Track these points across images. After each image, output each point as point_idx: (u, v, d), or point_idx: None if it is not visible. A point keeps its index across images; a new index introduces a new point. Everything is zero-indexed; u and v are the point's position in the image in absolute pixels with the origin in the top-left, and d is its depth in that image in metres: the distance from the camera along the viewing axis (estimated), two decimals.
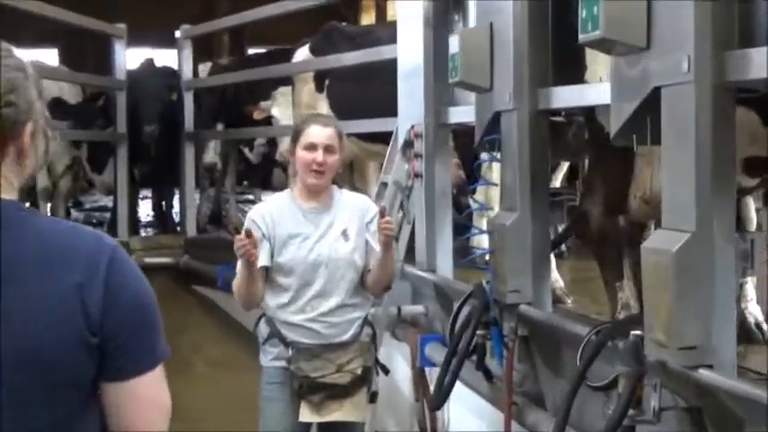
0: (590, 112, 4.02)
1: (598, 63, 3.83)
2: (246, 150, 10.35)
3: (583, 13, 3.03)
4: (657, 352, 2.81)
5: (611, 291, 4.18)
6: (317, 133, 4.08)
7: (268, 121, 8.80)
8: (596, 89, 3.66)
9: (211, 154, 9.86)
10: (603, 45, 3.07)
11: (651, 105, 2.91)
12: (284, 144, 7.96)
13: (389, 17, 16.89)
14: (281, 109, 8.51)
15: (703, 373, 2.72)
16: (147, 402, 1.83)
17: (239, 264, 3.97)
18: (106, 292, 1.73)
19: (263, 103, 8.76)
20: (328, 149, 4.06)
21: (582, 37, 3.06)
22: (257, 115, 8.78)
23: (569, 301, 5.52)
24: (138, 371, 1.80)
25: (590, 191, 4.19)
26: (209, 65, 11.04)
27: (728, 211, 2.78)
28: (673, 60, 2.77)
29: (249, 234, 3.83)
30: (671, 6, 2.80)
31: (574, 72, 3.99)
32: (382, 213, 3.93)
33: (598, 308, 5.33)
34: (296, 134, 4.14)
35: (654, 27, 2.88)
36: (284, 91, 8.62)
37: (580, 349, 3.29)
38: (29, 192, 10.92)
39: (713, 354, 2.75)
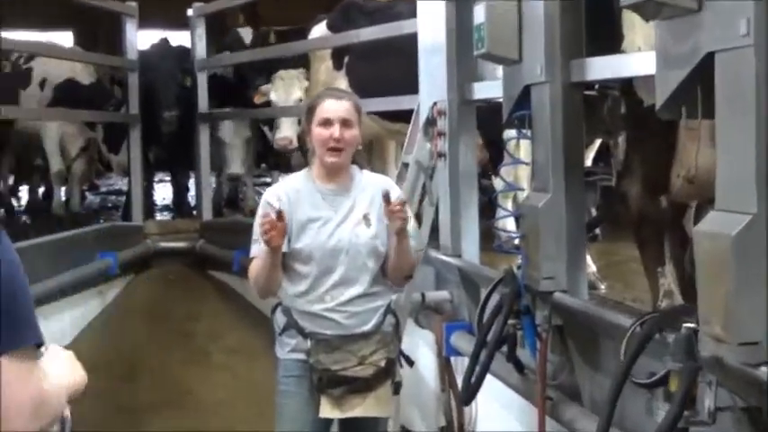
0: (628, 84, 3.76)
1: (636, 31, 3.59)
2: (267, 129, 10.06)
3: None
4: (714, 347, 2.54)
5: (652, 277, 3.93)
6: (333, 107, 3.82)
7: (268, 105, 8.52)
8: (636, 59, 3.41)
9: (238, 165, 9.54)
10: (649, 8, 2.79)
11: (703, 74, 2.64)
12: (279, 132, 7.79)
13: None
14: (278, 93, 8.24)
15: (766, 371, 2.45)
16: None
17: (259, 248, 3.71)
18: None
19: (262, 87, 8.48)
20: (345, 124, 3.80)
21: (625, 0, 2.79)
22: (257, 99, 8.50)
23: (602, 287, 5.28)
24: None
25: (628, 170, 3.93)
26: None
27: None
28: (728, 23, 2.49)
29: (281, 216, 3.57)
30: None
31: (609, 41, 3.73)
32: (387, 198, 3.64)
33: (633, 294, 5.10)
34: (310, 110, 3.89)
35: None
36: (283, 74, 8.36)
37: (624, 342, 3.02)
38: (43, 175, 10.79)
39: None
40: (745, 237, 2.43)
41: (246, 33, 10.73)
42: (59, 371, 1.90)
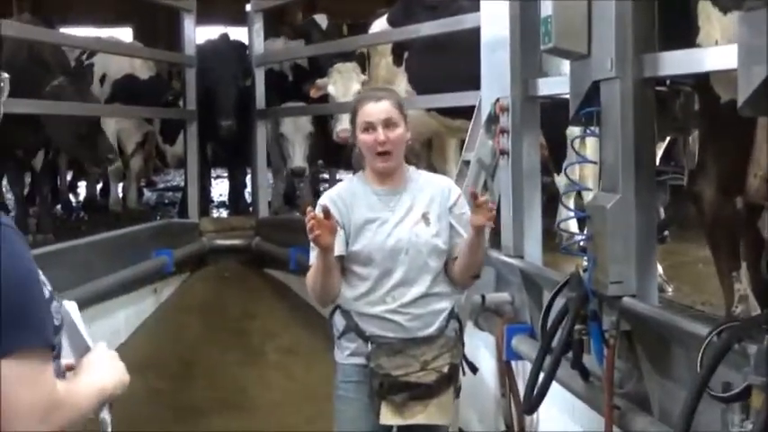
0: (703, 80, 3.59)
1: (712, 24, 3.43)
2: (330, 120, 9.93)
3: None
4: None
5: (725, 282, 3.75)
6: (372, 110, 3.70)
7: (325, 99, 8.39)
8: (713, 53, 3.26)
9: (299, 159, 9.37)
10: None
11: None
12: (340, 124, 7.66)
13: None
14: (336, 86, 8.11)
15: None
16: None
17: (314, 252, 3.60)
18: None
19: (319, 81, 8.35)
20: (388, 124, 3.68)
21: None
22: (313, 93, 8.36)
23: (670, 290, 5.11)
24: None
25: (702, 169, 3.75)
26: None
27: None
28: None
29: (328, 214, 3.46)
30: None
31: (683, 35, 3.56)
32: (475, 195, 3.52)
33: (703, 297, 4.94)
34: (352, 117, 3.78)
35: None
36: (340, 68, 8.23)
37: (701, 352, 2.86)
38: (101, 171, 10.79)
39: None
40: None
41: (322, 20, 10.61)
42: (95, 374, 1.87)
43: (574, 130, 6.09)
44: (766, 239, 3.80)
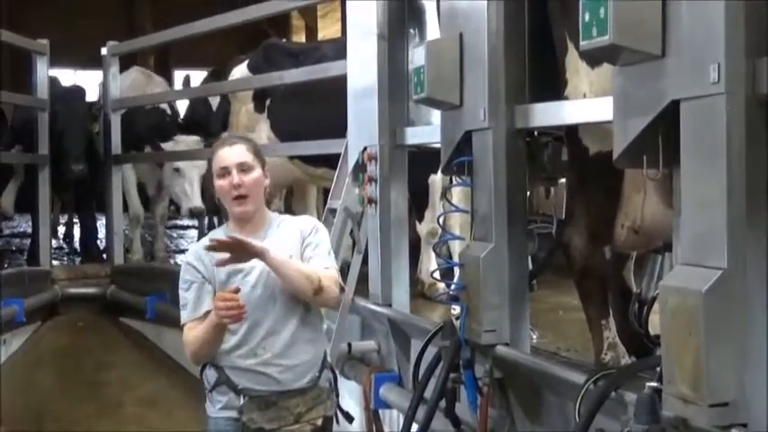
0: (572, 131, 3.65)
1: (580, 77, 3.49)
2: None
3: (585, 17, 2.65)
4: (680, 408, 2.43)
5: (595, 329, 3.81)
6: (226, 155, 3.67)
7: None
8: (585, 105, 3.32)
9: (197, 199, 9.05)
10: (608, 54, 2.69)
11: (666, 122, 2.55)
12: (191, 200, 7.62)
13: (320, 38, 16.61)
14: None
15: None
16: None
17: (190, 315, 3.57)
18: None
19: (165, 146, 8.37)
20: (243, 168, 3.64)
21: (584, 44, 2.68)
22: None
23: (534, 337, 5.15)
24: None
25: (571, 219, 3.82)
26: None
27: (762, 245, 2.39)
28: (696, 69, 2.40)
29: (237, 290, 3.42)
30: (694, 7, 2.43)
31: (552, 87, 3.64)
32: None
33: (567, 343, 5.00)
34: (209, 164, 3.74)
35: (671, 32, 2.51)
36: (181, 140, 8.29)
37: (578, 400, 2.89)
38: None
39: (746, 410, 2.37)
40: (716, 293, 2.33)
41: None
42: None
43: (436, 179, 6.19)
44: (631, 287, 3.89)
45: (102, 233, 10.46)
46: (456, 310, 4.11)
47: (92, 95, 10.05)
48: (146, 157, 9.38)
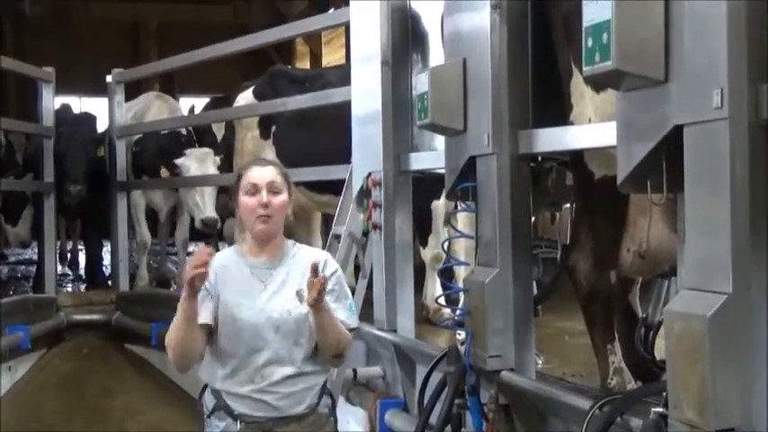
0: (578, 156, 3.66)
1: (585, 102, 3.50)
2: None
3: (588, 43, 2.66)
4: None
5: (601, 354, 3.80)
6: (258, 174, 3.63)
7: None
8: (589, 130, 3.33)
9: (210, 209, 8.95)
10: (611, 79, 2.69)
11: (669, 147, 2.55)
12: (205, 211, 7.63)
13: (324, 64, 16.65)
14: (192, 169, 8.19)
15: None
16: None
17: (178, 315, 3.46)
18: None
19: (177, 161, 8.32)
20: (272, 189, 3.60)
21: (587, 70, 2.69)
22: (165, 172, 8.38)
23: (540, 362, 5.14)
24: None
25: (577, 244, 3.82)
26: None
27: (766, 269, 2.39)
28: (700, 94, 2.41)
29: (212, 254, 3.37)
30: (697, 33, 2.44)
31: (556, 112, 3.65)
32: (314, 270, 3.39)
33: (572, 368, 4.98)
34: (237, 180, 3.70)
35: (674, 57, 2.52)
36: (195, 152, 8.30)
37: (585, 426, 2.89)
38: None
39: None
40: (720, 317, 2.33)
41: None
42: None
43: (439, 204, 6.19)
44: (636, 312, 3.88)
45: (107, 260, 10.46)
46: (461, 335, 4.11)
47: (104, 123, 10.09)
48: (150, 184, 9.39)
